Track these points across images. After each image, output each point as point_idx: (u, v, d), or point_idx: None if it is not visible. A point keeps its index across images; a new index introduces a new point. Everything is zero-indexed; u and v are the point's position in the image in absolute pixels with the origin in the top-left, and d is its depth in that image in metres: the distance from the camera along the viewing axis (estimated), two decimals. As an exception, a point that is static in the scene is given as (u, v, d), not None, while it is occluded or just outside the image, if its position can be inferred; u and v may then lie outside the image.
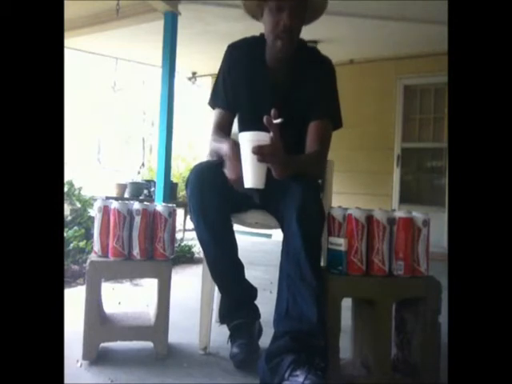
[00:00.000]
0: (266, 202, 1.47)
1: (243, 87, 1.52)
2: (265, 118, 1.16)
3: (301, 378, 1.11)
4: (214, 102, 1.58)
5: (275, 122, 1.18)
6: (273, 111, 1.18)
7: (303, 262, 1.22)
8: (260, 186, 1.21)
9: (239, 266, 1.48)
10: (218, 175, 1.37)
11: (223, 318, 1.53)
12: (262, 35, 1.52)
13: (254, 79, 1.51)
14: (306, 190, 1.29)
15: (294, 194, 1.28)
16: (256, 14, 1.50)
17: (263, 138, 1.18)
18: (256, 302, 1.54)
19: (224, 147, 1.35)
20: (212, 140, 1.50)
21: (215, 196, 1.35)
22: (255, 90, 1.50)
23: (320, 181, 1.60)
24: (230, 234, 1.43)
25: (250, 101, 1.52)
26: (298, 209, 1.24)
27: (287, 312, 1.23)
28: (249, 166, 1.20)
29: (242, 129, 1.52)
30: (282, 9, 1.38)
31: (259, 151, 1.15)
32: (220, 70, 1.57)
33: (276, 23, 1.40)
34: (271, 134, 1.18)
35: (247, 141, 1.19)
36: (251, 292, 1.54)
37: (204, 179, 1.37)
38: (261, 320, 1.56)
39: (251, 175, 1.21)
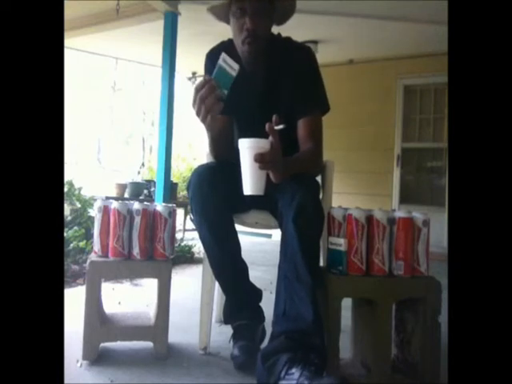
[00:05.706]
0: (265, 202, 1.46)
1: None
2: (267, 125, 1.15)
3: (296, 376, 1.10)
4: None
5: (277, 128, 1.16)
6: (274, 117, 1.17)
7: (300, 262, 1.20)
8: (260, 192, 1.19)
9: (243, 267, 1.47)
10: (219, 176, 1.37)
11: (227, 319, 1.53)
12: None
13: (235, 82, 1.51)
14: (304, 189, 1.28)
15: (292, 193, 1.26)
16: (223, 18, 1.48)
17: (263, 144, 1.15)
18: (257, 303, 1.54)
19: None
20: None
21: (217, 197, 1.35)
22: (237, 92, 1.44)
23: (320, 181, 1.59)
24: (233, 235, 1.43)
25: (235, 104, 1.46)
26: (296, 208, 1.23)
27: (284, 313, 1.22)
28: (249, 173, 1.18)
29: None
30: (245, 13, 1.37)
31: (261, 159, 1.13)
32: None
33: (240, 27, 1.39)
34: (271, 139, 1.16)
35: (247, 148, 1.16)
36: (255, 293, 1.53)
37: (205, 180, 1.37)
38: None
39: (251, 182, 1.18)
